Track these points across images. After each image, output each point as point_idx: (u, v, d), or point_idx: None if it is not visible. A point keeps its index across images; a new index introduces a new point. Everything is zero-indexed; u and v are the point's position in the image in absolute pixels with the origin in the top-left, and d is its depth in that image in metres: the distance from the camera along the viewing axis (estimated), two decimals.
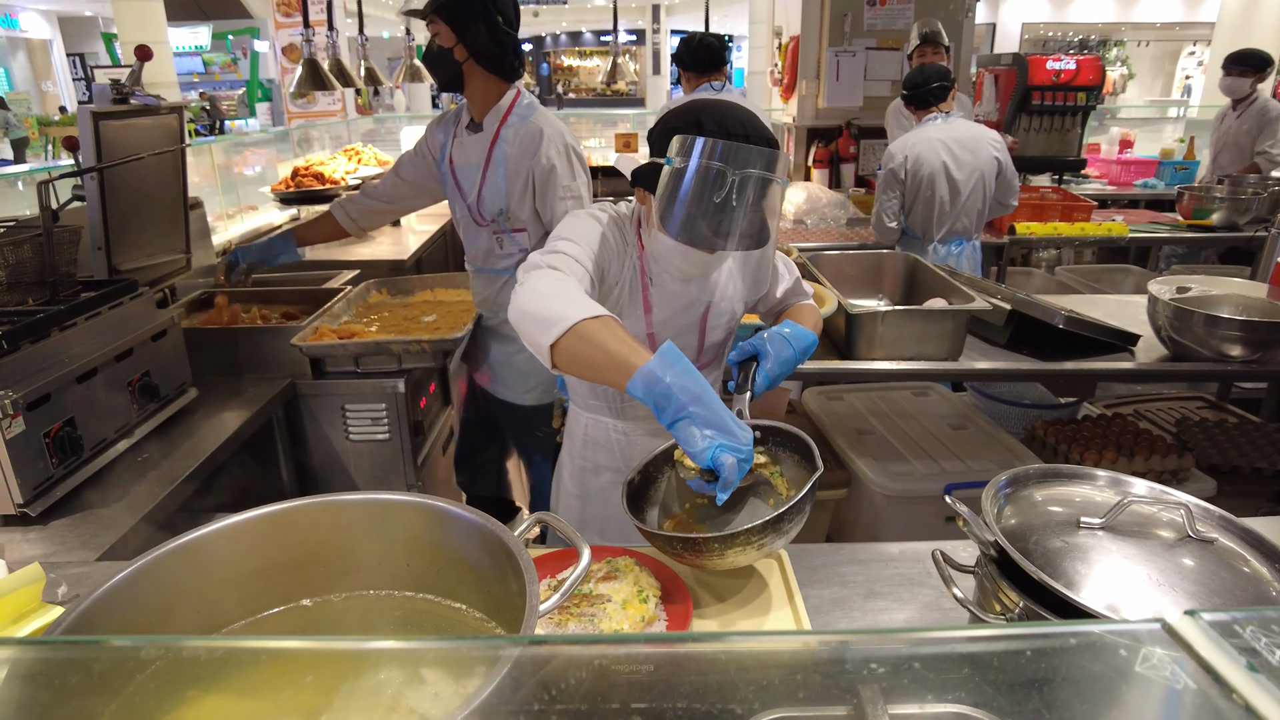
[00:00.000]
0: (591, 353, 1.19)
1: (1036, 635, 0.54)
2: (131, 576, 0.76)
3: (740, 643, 0.79)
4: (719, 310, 1.64)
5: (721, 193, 1.26)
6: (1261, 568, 0.98)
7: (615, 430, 1.71)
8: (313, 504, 0.85)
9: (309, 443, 2.46)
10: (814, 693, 0.76)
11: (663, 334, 1.58)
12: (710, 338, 1.65)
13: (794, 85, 5.80)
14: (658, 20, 22.95)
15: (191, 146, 4.10)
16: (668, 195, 1.31)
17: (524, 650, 0.56)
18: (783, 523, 1.18)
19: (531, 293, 1.26)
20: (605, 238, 1.48)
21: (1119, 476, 1.09)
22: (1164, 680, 0.40)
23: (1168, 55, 21.43)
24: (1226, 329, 2.20)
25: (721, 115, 1.33)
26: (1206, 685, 0.39)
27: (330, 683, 0.73)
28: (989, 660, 0.50)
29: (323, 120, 8.09)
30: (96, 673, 0.69)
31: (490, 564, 0.80)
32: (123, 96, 2.25)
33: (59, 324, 1.81)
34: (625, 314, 1.55)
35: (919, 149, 3.51)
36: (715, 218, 1.29)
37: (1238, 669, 0.39)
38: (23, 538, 1.60)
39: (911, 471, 2.51)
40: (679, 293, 1.57)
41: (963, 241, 3.66)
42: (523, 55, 2.41)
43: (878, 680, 0.74)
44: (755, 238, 1.35)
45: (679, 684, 0.79)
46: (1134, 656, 0.42)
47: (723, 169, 1.26)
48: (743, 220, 1.29)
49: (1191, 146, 5.86)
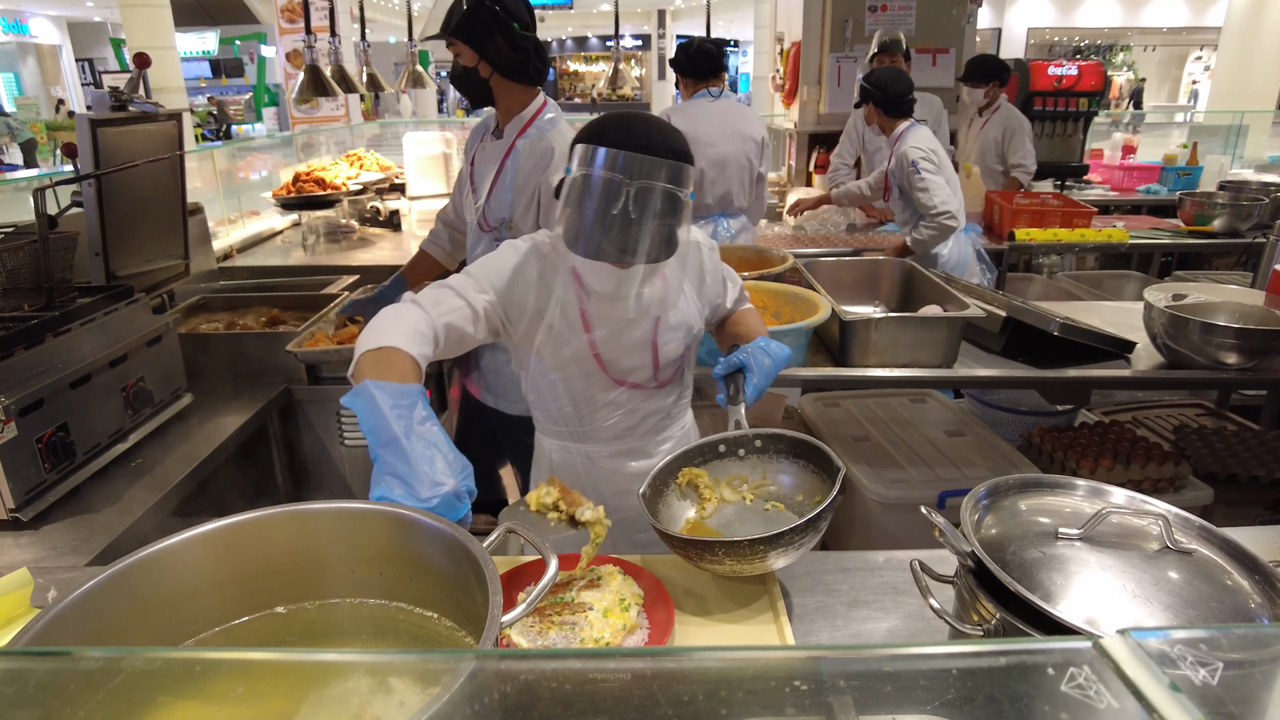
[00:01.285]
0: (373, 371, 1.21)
1: (970, 654, 0.54)
2: (103, 584, 0.76)
3: (709, 659, 0.79)
4: (671, 325, 1.58)
5: (618, 204, 1.24)
6: (1241, 580, 0.98)
7: (579, 454, 1.67)
8: (283, 513, 0.86)
9: (304, 448, 2.47)
10: (785, 701, 0.76)
11: (610, 353, 1.54)
12: (665, 354, 1.60)
13: (795, 91, 5.80)
14: (663, 25, 23.01)
15: (195, 152, 4.13)
16: (566, 207, 1.29)
17: (479, 664, 0.56)
18: (779, 540, 1.18)
19: (365, 329, 1.31)
20: (520, 268, 1.46)
21: (1099, 486, 1.09)
22: (1087, 700, 0.40)
23: (1174, 60, 21.39)
24: (1222, 336, 2.19)
25: (625, 127, 1.30)
26: (1130, 705, 0.39)
27: (298, 690, 0.73)
28: (944, 677, 0.50)
29: (326, 125, 8.12)
30: (64, 681, 0.69)
31: (458, 573, 0.80)
32: (121, 104, 2.27)
33: (53, 329, 1.82)
34: (565, 336, 1.51)
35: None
36: (613, 230, 1.26)
37: (1160, 688, 0.39)
38: (14, 542, 1.62)
39: (907, 479, 2.51)
40: (621, 308, 1.51)
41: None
42: (545, 55, 2.36)
43: (850, 691, 0.74)
44: (658, 250, 1.31)
45: (648, 696, 0.79)
46: (1061, 675, 0.42)
47: (616, 179, 1.23)
48: (642, 232, 1.26)
49: (1195, 152, 5.84)
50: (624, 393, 1.61)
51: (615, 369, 1.56)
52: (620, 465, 1.66)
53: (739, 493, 1.46)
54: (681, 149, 1.32)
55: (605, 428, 1.64)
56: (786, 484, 1.46)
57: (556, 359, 1.53)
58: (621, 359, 1.56)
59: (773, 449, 1.48)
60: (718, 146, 3.60)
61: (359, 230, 4.55)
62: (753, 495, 1.46)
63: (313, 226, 4.39)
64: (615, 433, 1.65)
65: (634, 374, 1.59)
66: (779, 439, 1.47)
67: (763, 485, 1.47)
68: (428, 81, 5.95)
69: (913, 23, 5.30)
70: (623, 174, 1.24)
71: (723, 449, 1.49)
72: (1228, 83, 10.92)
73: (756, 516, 1.42)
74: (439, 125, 10.66)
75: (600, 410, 1.62)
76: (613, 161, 1.25)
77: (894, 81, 3.51)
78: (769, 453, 1.48)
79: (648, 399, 1.64)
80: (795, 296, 2.38)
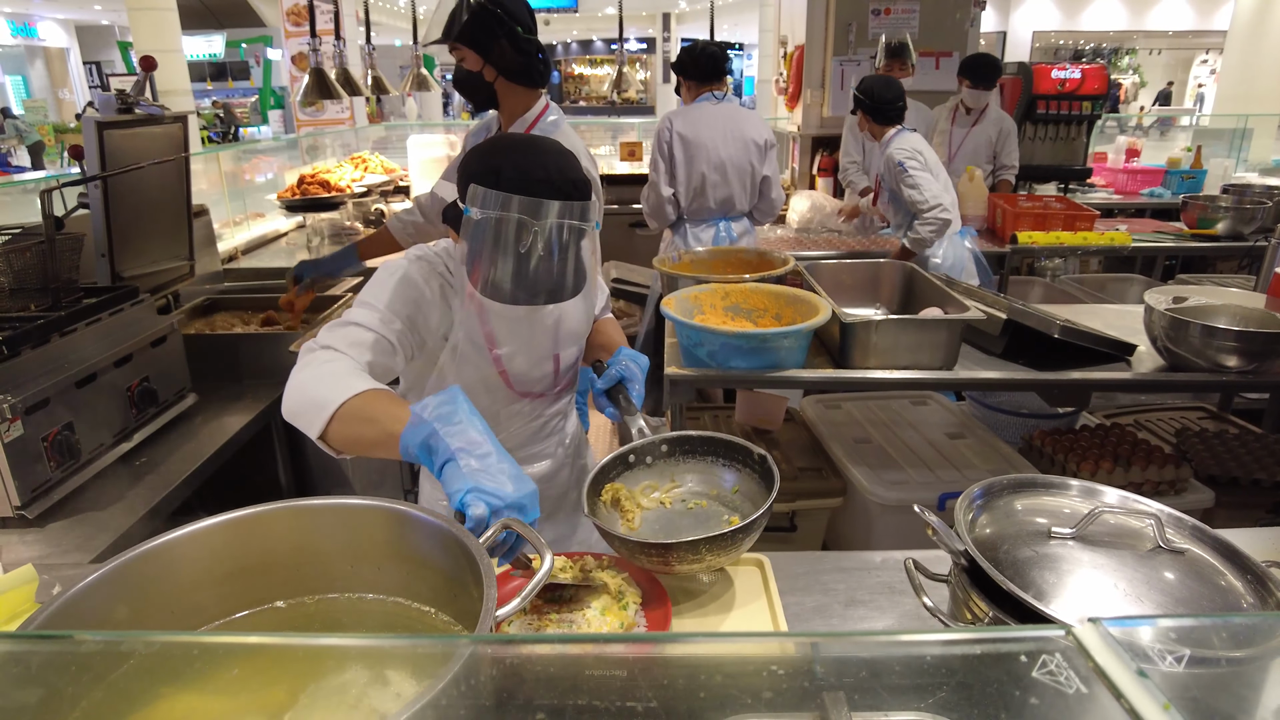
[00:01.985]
0: (361, 430, 1.15)
1: (947, 641, 0.55)
2: (105, 577, 0.78)
3: (703, 644, 0.80)
4: (569, 333, 1.59)
5: (525, 245, 1.18)
6: (1234, 580, 0.98)
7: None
8: (283, 508, 0.87)
9: (307, 449, 2.48)
10: (780, 698, 0.77)
11: (516, 368, 1.54)
12: (564, 361, 1.62)
13: (799, 94, 5.81)
14: (668, 29, 23.04)
15: (200, 155, 4.15)
16: (470, 250, 1.21)
17: (477, 648, 0.57)
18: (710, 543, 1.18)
19: (294, 387, 1.22)
20: (421, 289, 1.40)
21: (1093, 486, 1.10)
22: (1057, 686, 0.41)
23: (1180, 64, 21.36)
24: (1222, 339, 2.19)
25: (524, 161, 1.22)
26: (1099, 690, 0.40)
27: (297, 682, 0.74)
28: (920, 662, 0.51)
29: (331, 128, 8.16)
30: (68, 670, 0.71)
31: (455, 568, 0.81)
32: (127, 106, 2.29)
33: (59, 329, 1.84)
34: (469, 355, 1.48)
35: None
36: (520, 273, 1.20)
37: (1128, 674, 0.40)
38: (19, 539, 1.63)
39: (907, 480, 2.51)
40: (522, 325, 1.49)
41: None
42: (549, 59, 2.38)
43: (843, 687, 0.75)
44: (571, 288, 1.27)
45: (644, 686, 0.80)
46: (1034, 663, 0.43)
47: (524, 222, 1.17)
48: (551, 272, 1.21)
49: (1199, 155, 5.83)
50: (526, 404, 1.62)
51: (520, 383, 1.57)
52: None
53: (652, 500, 1.45)
54: (580, 179, 1.26)
55: (507, 437, 1.63)
56: (726, 483, 1.46)
57: (460, 378, 1.49)
58: (527, 371, 1.56)
59: (679, 450, 1.49)
60: (720, 150, 3.61)
61: (363, 232, 4.57)
62: (669, 499, 1.45)
63: (317, 228, 4.42)
64: (518, 441, 1.66)
65: (537, 385, 1.60)
66: (685, 440, 1.48)
67: (673, 489, 1.47)
68: (433, 84, 5.98)
69: (916, 25, 5.31)
70: (529, 216, 1.18)
71: (632, 459, 1.47)
72: (1233, 86, 10.91)
73: (683, 518, 1.41)
74: (444, 128, 10.69)
75: (503, 423, 1.62)
76: (518, 205, 1.18)
77: (883, 89, 3.61)
78: (675, 455, 1.49)
79: (548, 405, 1.66)
80: (796, 298, 2.39)
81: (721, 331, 2.17)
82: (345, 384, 1.18)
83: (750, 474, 1.42)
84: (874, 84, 3.64)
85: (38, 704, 0.67)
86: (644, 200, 3.83)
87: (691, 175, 3.63)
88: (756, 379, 2.34)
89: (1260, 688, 0.45)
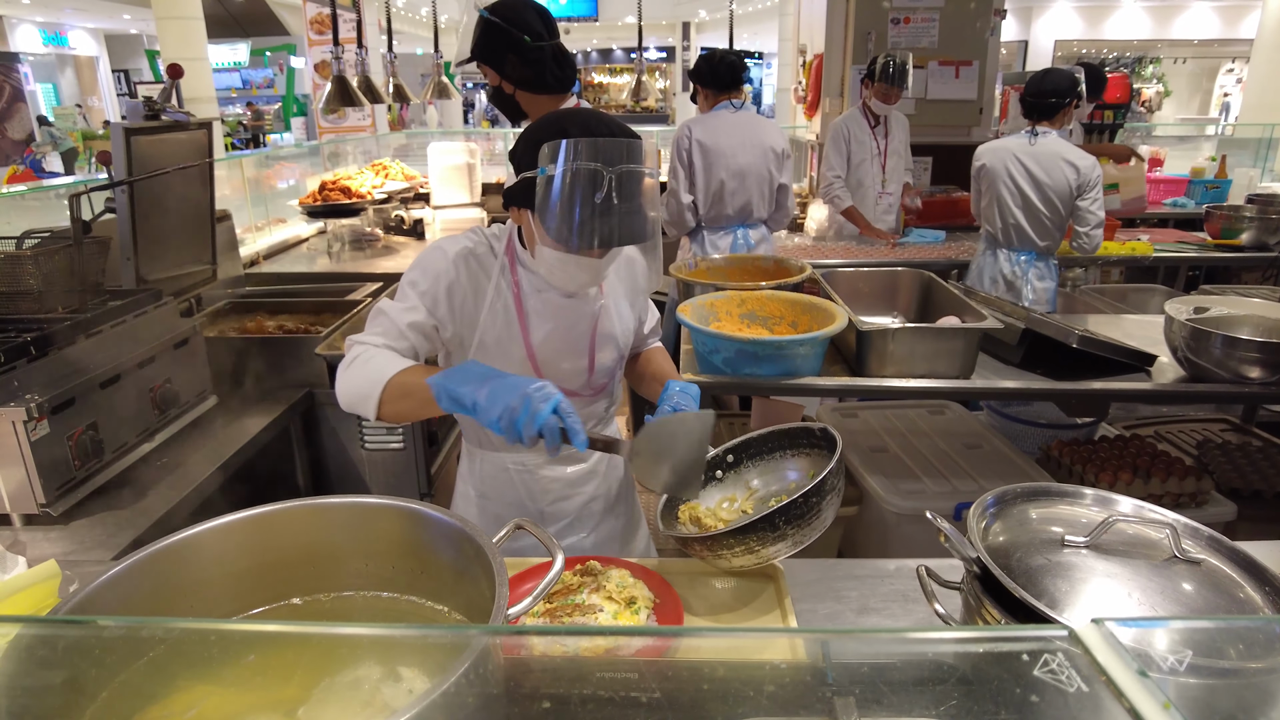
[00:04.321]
0: (404, 405, 1.32)
1: (952, 640, 0.55)
2: (126, 571, 0.79)
3: (713, 639, 0.81)
4: (606, 332, 1.59)
5: (601, 190, 1.27)
6: (1252, 592, 0.97)
7: (514, 464, 1.65)
8: (299, 506, 0.89)
9: (325, 451, 2.51)
10: (784, 690, 0.77)
11: (547, 355, 1.54)
12: (600, 363, 1.60)
13: (818, 102, 5.81)
14: (688, 38, 23.11)
15: (224, 161, 4.22)
16: (547, 203, 1.30)
17: (488, 639, 0.58)
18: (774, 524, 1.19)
19: (341, 386, 1.39)
20: (450, 274, 1.47)
21: (1107, 495, 1.09)
22: (1059, 684, 0.41)
23: (1205, 72, 21.13)
24: (1244, 350, 2.17)
25: (584, 119, 1.33)
26: (1099, 689, 0.40)
27: (310, 677, 0.76)
28: (922, 660, 0.51)
29: (353, 135, 8.25)
30: (92, 657, 0.72)
31: (468, 567, 0.82)
32: (154, 113, 2.34)
33: (85, 331, 1.88)
34: (502, 338, 1.51)
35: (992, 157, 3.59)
36: (597, 216, 1.29)
37: (1129, 674, 0.40)
38: (44, 536, 1.66)
39: (923, 490, 2.50)
40: (560, 309, 1.52)
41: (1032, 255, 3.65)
42: (567, 61, 2.33)
43: (852, 692, 0.75)
44: (640, 231, 1.34)
45: (650, 679, 0.80)
46: (1036, 661, 0.43)
47: (596, 167, 1.26)
48: (624, 214, 1.30)
49: (1223, 165, 5.77)
50: None
51: (550, 372, 1.55)
52: (558, 473, 1.65)
53: (733, 511, 1.46)
54: (634, 133, 1.36)
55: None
56: (792, 477, 1.47)
57: (491, 363, 1.47)
58: (558, 360, 1.55)
59: (745, 456, 1.50)
60: (738, 158, 3.62)
61: (383, 238, 4.61)
62: (750, 506, 1.46)
63: (338, 234, 4.47)
64: None
65: (567, 379, 1.59)
66: (746, 445, 1.49)
67: (751, 495, 1.48)
68: (453, 92, 6.04)
69: (936, 35, 5.30)
70: (598, 159, 1.27)
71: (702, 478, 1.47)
72: (1259, 95, 10.77)
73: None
74: (464, 136, 10.78)
75: None
76: (591, 151, 1.27)
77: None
78: (742, 462, 1.50)
79: (583, 406, 1.64)
80: (812, 306, 2.39)
81: (737, 338, 2.18)
82: (379, 373, 1.33)
83: (819, 453, 1.44)
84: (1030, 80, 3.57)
85: (61, 689, 0.69)
86: (663, 207, 3.84)
87: (710, 182, 3.65)
88: (772, 386, 2.33)
89: (1264, 692, 0.45)
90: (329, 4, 4.51)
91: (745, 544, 1.22)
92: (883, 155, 4.49)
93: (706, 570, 1.40)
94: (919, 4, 5.26)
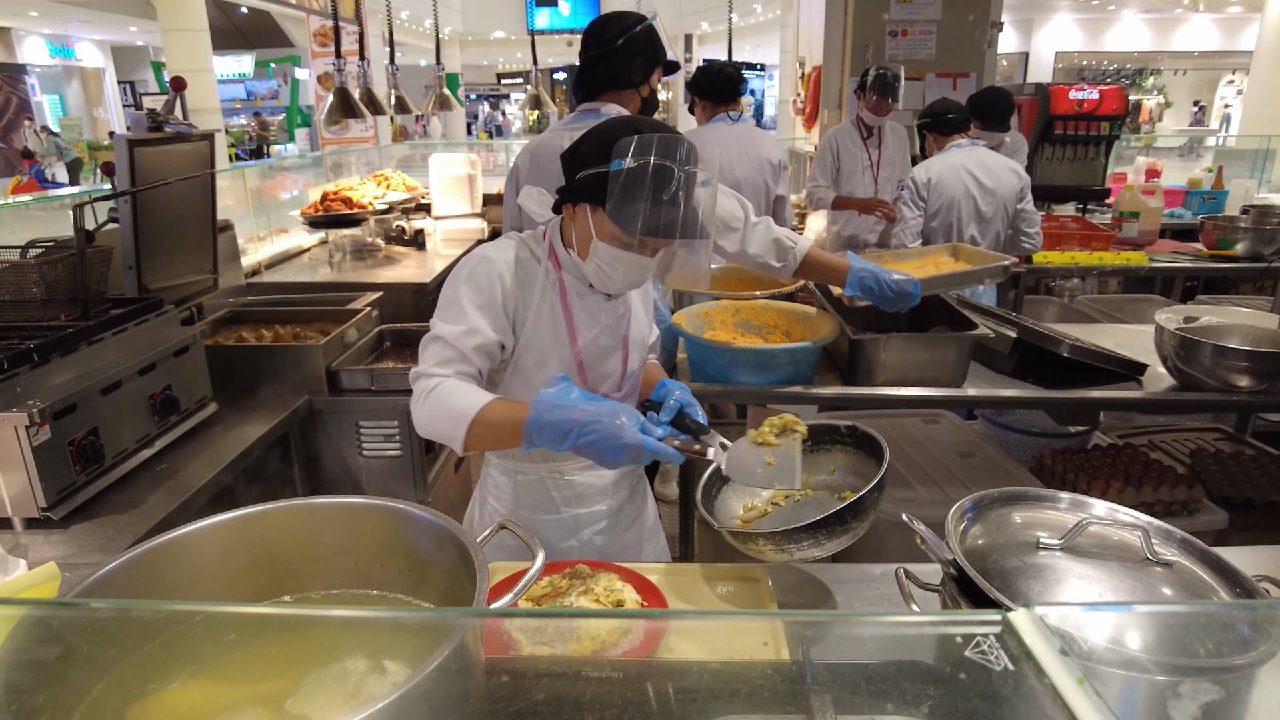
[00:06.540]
0: (492, 434, 1.35)
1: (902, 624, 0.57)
2: (122, 567, 0.82)
3: (696, 621, 0.83)
4: (634, 336, 1.64)
5: (671, 185, 1.35)
6: (1223, 593, 0.99)
7: (546, 470, 1.65)
8: (290, 506, 0.91)
9: (324, 458, 2.53)
10: (768, 700, 0.80)
11: (591, 358, 1.57)
12: (631, 364, 1.64)
13: (816, 114, 5.86)
14: (690, 50, 23.23)
15: (227, 171, 4.26)
16: (627, 194, 1.35)
17: (470, 622, 0.60)
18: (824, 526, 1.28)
19: (420, 424, 1.41)
20: (502, 284, 1.48)
21: (1082, 499, 1.11)
22: (986, 664, 0.44)
23: (1205, 84, 21.20)
24: (1233, 359, 2.19)
25: (650, 123, 1.43)
26: (1025, 668, 0.42)
27: (299, 670, 0.78)
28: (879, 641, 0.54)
29: (356, 146, 8.31)
30: (84, 653, 0.75)
31: (451, 565, 0.85)
32: (157, 125, 2.38)
33: (87, 339, 1.91)
34: (551, 344, 1.53)
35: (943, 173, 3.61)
36: (668, 207, 1.36)
37: (1051, 654, 0.42)
38: (45, 540, 1.69)
39: (916, 498, 2.52)
40: (600, 312, 1.56)
41: None
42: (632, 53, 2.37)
43: (829, 690, 0.77)
44: (701, 226, 1.42)
45: (636, 683, 0.82)
46: (967, 644, 0.45)
47: (669, 163, 1.35)
48: (690, 208, 1.38)
49: (1220, 176, 5.80)
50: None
51: (593, 375, 1.59)
52: (589, 476, 1.67)
53: (755, 509, 1.53)
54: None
55: None
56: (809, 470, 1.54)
57: (539, 368, 1.54)
58: (600, 363, 1.59)
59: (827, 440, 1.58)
60: (735, 170, 3.65)
61: (384, 249, 4.65)
62: (780, 498, 1.54)
63: (339, 244, 4.51)
64: None
65: (606, 382, 1.62)
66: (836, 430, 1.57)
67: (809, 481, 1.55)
68: (455, 104, 6.09)
69: (933, 47, 5.35)
70: (674, 159, 1.37)
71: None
72: (1259, 107, 10.81)
73: (804, 509, 1.51)
74: (466, 147, 10.85)
75: None
76: (665, 148, 1.36)
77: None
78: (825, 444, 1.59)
79: None
80: (805, 315, 2.42)
81: (730, 347, 2.20)
82: (460, 412, 1.36)
83: (846, 450, 1.55)
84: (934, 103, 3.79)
85: (55, 685, 0.71)
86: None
87: None
88: (766, 394, 2.36)
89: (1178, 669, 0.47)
90: (332, 16, 4.56)
91: (814, 538, 1.31)
92: (874, 166, 4.52)
93: (694, 574, 1.43)
94: (917, 16, 5.32)
